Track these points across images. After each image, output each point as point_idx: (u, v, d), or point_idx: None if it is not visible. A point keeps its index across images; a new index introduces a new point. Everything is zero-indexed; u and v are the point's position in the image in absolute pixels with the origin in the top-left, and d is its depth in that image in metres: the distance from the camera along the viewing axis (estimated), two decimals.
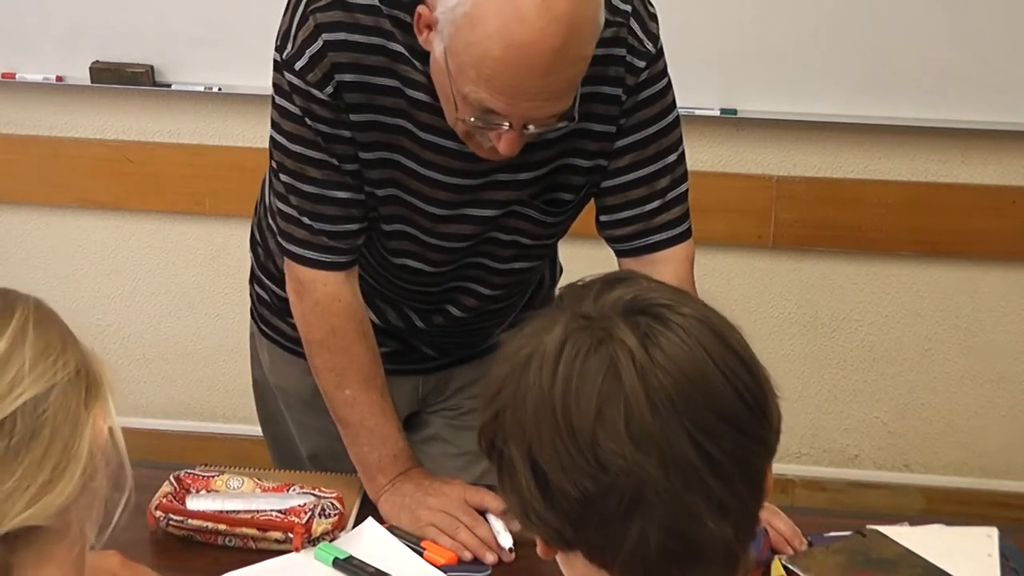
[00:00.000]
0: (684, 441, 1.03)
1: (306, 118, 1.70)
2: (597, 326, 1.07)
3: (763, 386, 1.09)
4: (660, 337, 1.06)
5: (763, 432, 1.08)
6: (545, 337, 1.08)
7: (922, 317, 3.03)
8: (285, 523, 1.75)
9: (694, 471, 1.04)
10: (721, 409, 1.05)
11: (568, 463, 1.04)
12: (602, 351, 1.05)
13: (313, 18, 1.65)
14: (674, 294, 1.12)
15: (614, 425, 1.03)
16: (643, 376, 1.04)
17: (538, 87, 1.53)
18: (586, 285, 1.13)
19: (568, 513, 1.06)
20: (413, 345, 1.99)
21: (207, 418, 3.32)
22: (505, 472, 1.10)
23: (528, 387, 1.07)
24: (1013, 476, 3.12)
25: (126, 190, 3.10)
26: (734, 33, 2.78)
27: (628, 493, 1.03)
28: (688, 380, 1.05)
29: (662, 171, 1.79)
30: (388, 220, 1.79)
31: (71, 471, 1.13)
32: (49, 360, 1.14)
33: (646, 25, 1.72)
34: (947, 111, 2.79)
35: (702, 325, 1.08)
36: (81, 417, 1.15)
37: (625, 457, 1.03)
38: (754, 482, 1.08)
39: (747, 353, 1.09)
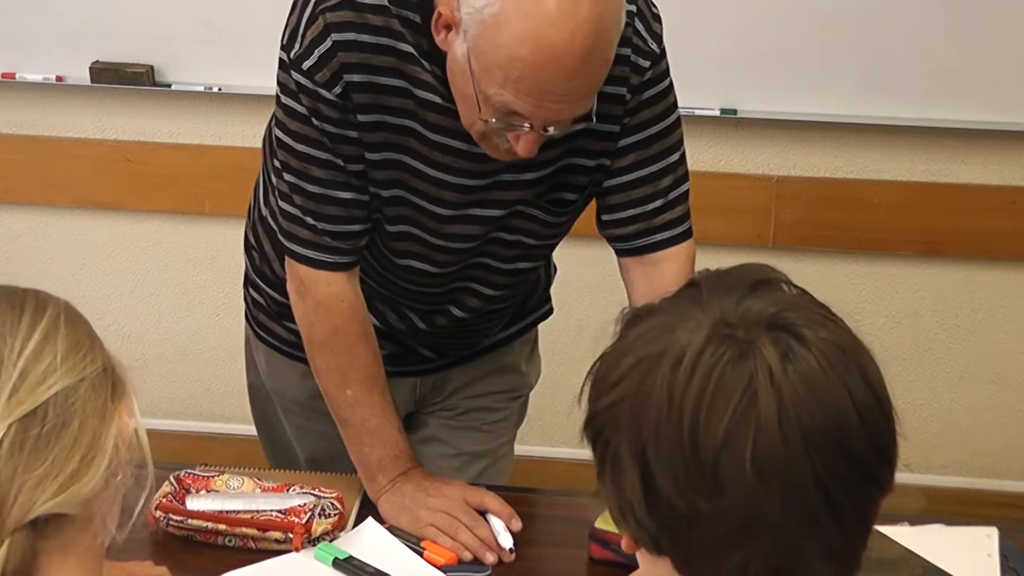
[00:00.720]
0: (808, 478, 0.99)
1: (313, 118, 1.69)
2: (739, 337, 1.02)
3: (892, 427, 1.06)
4: (801, 363, 1.01)
5: (883, 472, 1.05)
6: (683, 336, 1.03)
7: (922, 317, 3.03)
8: (285, 523, 1.75)
9: (812, 511, 1.00)
10: (851, 451, 1.01)
11: (683, 476, 1.00)
12: (742, 367, 1.00)
13: (323, 17, 1.65)
14: (817, 312, 1.07)
15: (741, 450, 0.98)
16: (780, 402, 0.99)
17: (565, 89, 1.54)
18: (727, 282, 1.08)
19: (670, 524, 1.02)
20: (411, 347, 1.99)
21: (207, 418, 3.31)
22: (608, 465, 1.06)
23: (654, 386, 1.02)
24: (1013, 476, 3.12)
25: (126, 190, 3.10)
26: (734, 33, 2.78)
27: (740, 520, 0.99)
28: (824, 415, 1.00)
29: (664, 170, 1.79)
30: (393, 221, 1.79)
31: (98, 462, 1.16)
32: (79, 355, 1.18)
33: (650, 25, 1.72)
34: (947, 111, 2.79)
35: (841, 352, 1.03)
36: (108, 411, 1.18)
37: (745, 484, 0.98)
38: (866, 526, 1.05)
39: (882, 389, 1.06)
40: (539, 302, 2.10)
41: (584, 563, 1.75)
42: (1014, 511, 3.05)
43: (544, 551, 1.79)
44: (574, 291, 2.83)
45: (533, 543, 1.78)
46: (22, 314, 1.18)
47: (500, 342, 2.06)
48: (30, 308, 1.19)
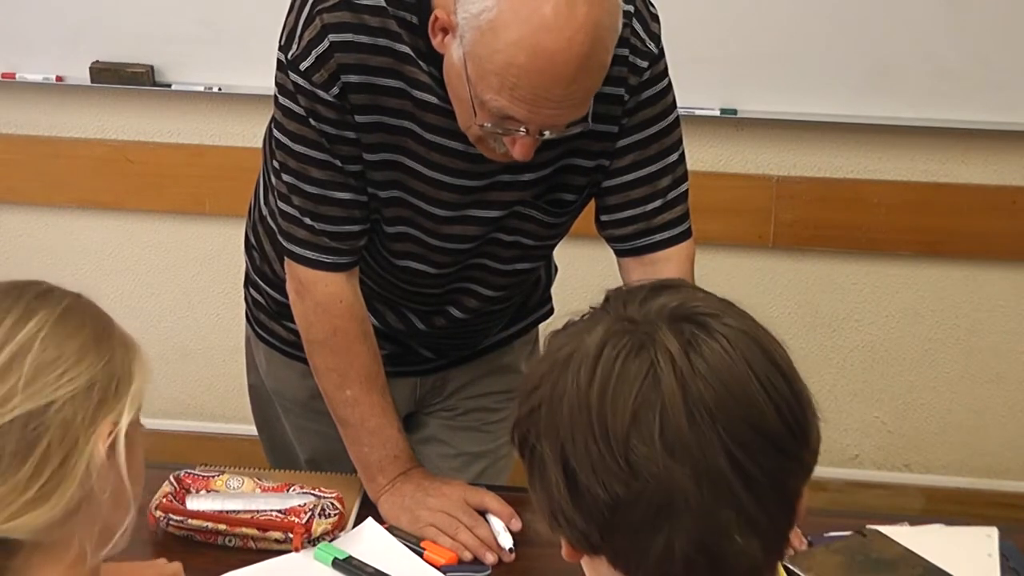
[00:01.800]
0: (719, 453, 1.02)
1: (310, 118, 1.69)
2: (640, 330, 1.06)
3: (804, 405, 1.07)
4: (703, 346, 1.04)
5: (800, 451, 1.06)
6: (586, 337, 1.07)
7: (922, 317, 3.03)
8: (285, 523, 1.75)
9: (727, 484, 1.02)
10: (760, 424, 1.03)
11: (599, 465, 1.03)
12: (643, 355, 1.04)
13: (320, 18, 1.65)
14: (720, 304, 1.10)
15: (649, 430, 1.02)
16: (683, 383, 1.02)
17: (561, 96, 1.53)
18: (633, 289, 1.12)
19: (596, 517, 1.05)
20: (411, 347, 1.99)
21: (207, 418, 3.32)
22: (536, 470, 1.09)
23: (565, 386, 1.06)
24: (1013, 476, 3.12)
25: (126, 190, 3.10)
26: (734, 33, 2.78)
27: (657, 501, 1.02)
28: (728, 391, 1.03)
29: (663, 171, 1.79)
30: (391, 222, 1.79)
31: (62, 490, 1.12)
32: (52, 375, 1.13)
33: (648, 25, 1.72)
34: (947, 111, 2.79)
35: (747, 337, 1.06)
36: (81, 436, 1.13)
37: (657, 464, 1.01)
38: (787, 501, 1.07)
39: (790, 370, 1.08)
40: (539, 302, 2.10)
41: None
42: (1014, 511, 3.05)
43: (544, 551, 1.79)
44: (575, 291, 2.81)
45: (533, 543, 1.78)
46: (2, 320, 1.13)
47: (500, 342, 2.06)
48: (14, 315, 1.14)
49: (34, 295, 1.18)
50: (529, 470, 1.11)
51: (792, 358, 1.10)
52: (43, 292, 1.19)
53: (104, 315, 1.23)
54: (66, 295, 1.20)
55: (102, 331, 1.20)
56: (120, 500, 1.18)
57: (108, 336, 1.20)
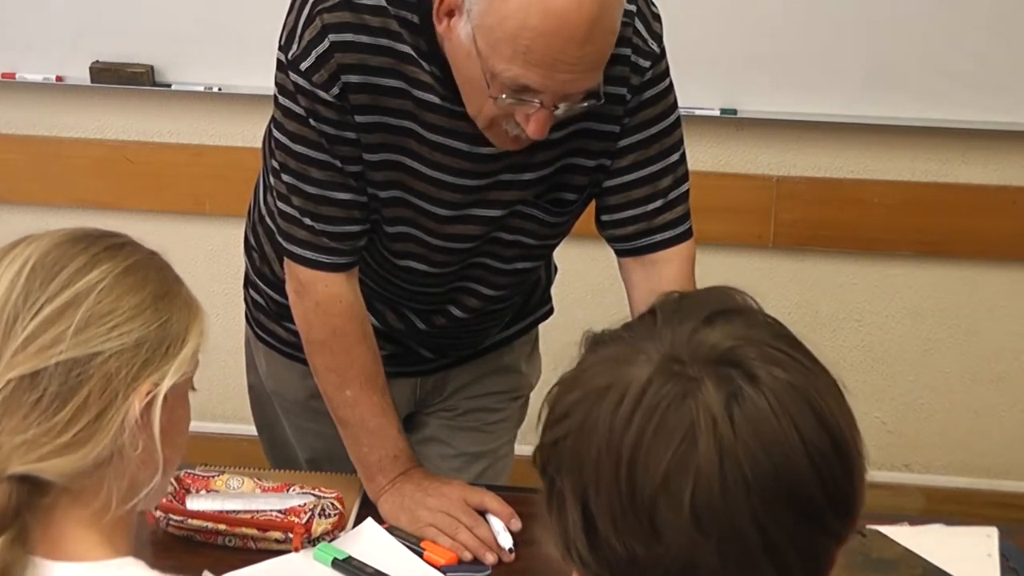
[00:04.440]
0: (749, 527, 0.94)
1: (310, 119, 1.69)
2: (685, 374, 0.97)
3: (852, 474, 0.99)
4: (748, 403, 0.95)
5: (838, 522, 0.99)
6: (628, 370, 0.98)
7: (922, 317, 3.03)
8: (285, 523, 1.75)
9: (753, 561, 0.95)
10: (798, 496, 0.95)
11: (621, 520, 0.96)
12: (684, 408, 0.95)
13: (320, 18, 1.65)
14: (775, 347, 1.00)
15: (679, 497, 0.94)
16: (720, 450, 0.94)
17: (575, 57, 1.53)
18: (686, 309, 1.03)
19: (611, 566, 0.99)
20: (411, 347, 1.99)
21: (207, 418, 3.31)
22: (554, 501, 1.02)
23: (597, 423, 0.98)
24: (1013, 476, 3.12)
25: (126, 190, 3.10)
26: (734, 33, 2.77)
27: (677, 569, 0.96)
28: (768, 459, 0.94)
29: (664, 171, 1.79)
30: (392, 222, 1.79)
31: (96, 441, 1.14)
32: (104, 327, 1.15)
33: (650, 25, 1.72)
34: (947, 111, 2.79)
35: (796, 393, 0.97)
36: (121, 392, 1.15)
37: (682, 532, 0.94)
38: (814, 568, 1.00)
39: (841, 431, 0.99)
40: (540, 302, 2.10)
41: None
42: (1014, 511, 3.05)
43: (544, 551, 1.79)
44: (575, 291, 2.83)
45: (533, 543, 1.78)
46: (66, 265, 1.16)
47: (500, 342, 2.06)
48: (79, 262, 1.16)
49: (105, 246, 1.20)
50: (547, 497, 1.04)
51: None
52: (115, 245, 1.21)
53: (172, 277, 1.25)
54: (138, 251, 1.23)
55: (165, 291, 1.21)
56: (150, 459, 1.19)
57: (170, 297, 1.21)
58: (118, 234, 1.25)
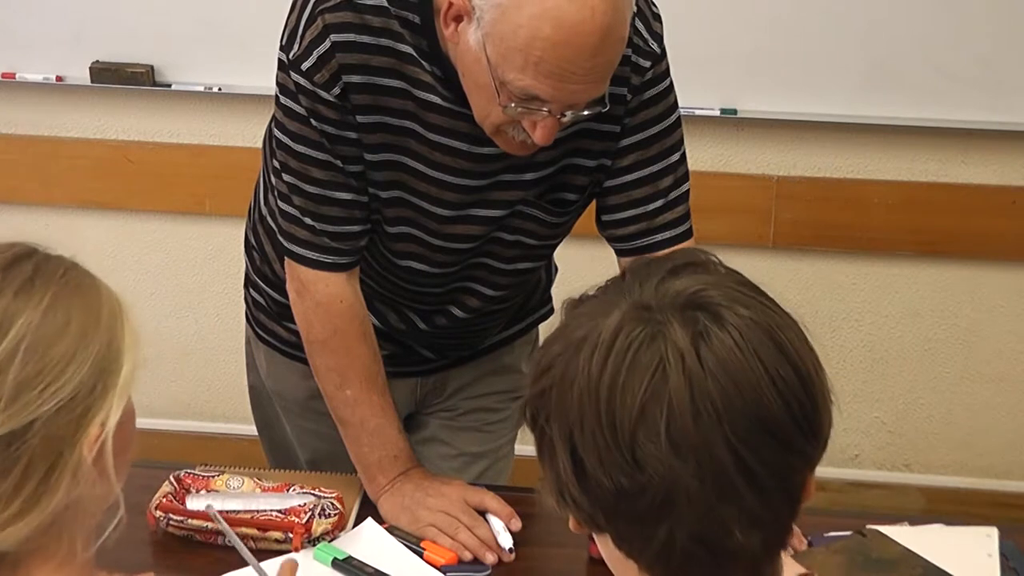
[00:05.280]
0: (723, 451, 1.02)
1: (311, 119, 1.69)
2: (653, 318, 1.05)
3: (816, 398, 1.06)
4: (713, 339, 1.03)
5: (807, 446, 1.07)
6: (601, 321, 1.06)
7: (922, 317, 3.03)
8: (285, 523, 1.75)
9: (729, 482, 1.02)
10: (767, 421, 1.03)
11: (606, 456, 1.04)
12: (654, 347, 1.03)
13: (322, 18, 1.65)
14: (738, 289, 1.08)
15: (655, 426, 1.02)
16: (690, 380, 1.02)
17: (587, 68, 1.53)
18: (653, 266, 1.11)
19: (601, 502, 1.06)
20: (412, 347, 1.99)
21: (207, 418, 3.32)
22: (545, 449, 1.10)
23: (577, 371, 1.06)
24: (1013, 476, 3.12)
25: (126, 190, 3.10)
26: (734, 33, 2.78)
27: (660, 495, 1.03)
28: (736, 389, 1.02)
29: (665, 170, 1.79)
30: (393, 222, 1.79)
31: (46, 501, 1.08)
32: (35, 392, 1.07)
33: (651, 25, 1.72)
34: (947, 111, 2.79)
35: (759, 328, 1.05)
36: (66, 448, 1.09)
37: (661, 460, 1.02)
38: (791, 494, 1.07)
39: (803, 362, 1.06)
40: (540, 302, 2.10)
41: (584, 563, 1.75)
42: (1014, 511, 3.05)
43: (544, 551, 1.79)
44: (575, 291, 2.80)
45: (533, 543, 1.78)
46: None
47: (501, 342, 2.06)
48: None
49: (15, 288, 1.10)
50: (538, 447, 1.12)
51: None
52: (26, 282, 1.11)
53: (91, 289, 1.16)
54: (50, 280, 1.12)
55: (86, 315, 1.13)
56: (109, 494, 1.14)
57: (95, 319, 1.13)
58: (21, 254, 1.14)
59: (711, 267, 1.11)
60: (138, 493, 1.80)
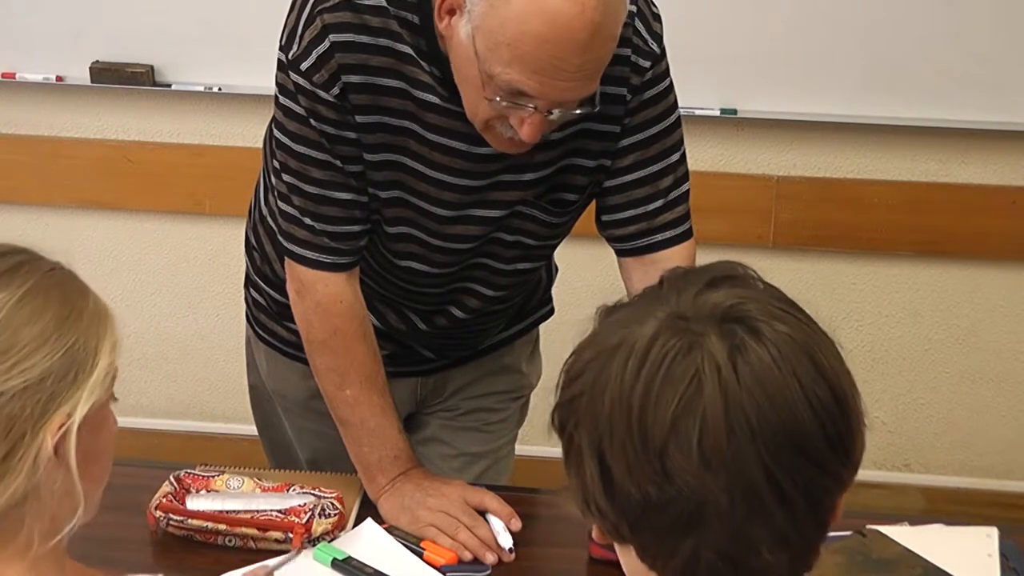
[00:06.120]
0: (756, 468, 1.00)
1: (311, 119, 1.69)
2: (690, 329, 1.03)
3: (850, 419, 1.05)
4: (751, 353, 1.02)
5: (840, 467, 1.05)
6: (636, 329, 1.05)
7: (922, 317, 3.03)
8: (285, 523, 1.75)
9: (760, 500, 1.01)
10: (801, 440, 1.02)
11: (635, 466, 1.02)
12: (690, 359, 1.02)
13: (321, 18, 1.65)
14: (777, 304, 1.07)
15: (687, 439, 1.00)
16: (725, 394, 1.00)
17: (575, 65, 1.52)
18: (691, 276, 1.09)
19: (627, 513, 1.05)
20: (412, 347, 1.99)
21: (207, 418, 3.31)
22: (572, 457, 1.09)
23: (609, 379, 1.04)
24: (1013, 476, 3.12)
25: (126, 190, 3.10)
26: (734, 33, 2.78)
27: (689, 509, 1.01)
28: (771, 406, 1.01)
29: (665, 171, 1.79)
30: (392, 222, 1.79)
31: (5, 484, 1.08)
32: (2, 366, 1.08)
33: (650, 25, 1.72)
34: (947, 111, 2.79)
35: (797, 346, 1.04)
36: (29, 430, 1.09)
37: (692, 473, 1.00)
38: (820, 516, 1.06)
39: (840, 382, 1.05)
40: (540, 302, 2.10)
41: (584, 563, 1.75)
42: (1014, 511, 3.05)
43: (544, 551, 1.79)
44: (575, 291, 2.82)
45: (533, 543, 1.78)
46: None
47: (501, 342, 2.06)
48: None
49: (0, 271, 1.12)
50: (565, 455, 1.10)
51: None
52: (12, 267, 1.13)
53: (76, 290, 1.18)
54: (36, 271, 1.15)
55: (68, 312, 1.14)
56: (70, 493, 1.13)
57: (75, 317, 1.14)
58: (15, 250, 1.17)
59: (750, 281, 1.10)
60: (138, 493, 1.80)
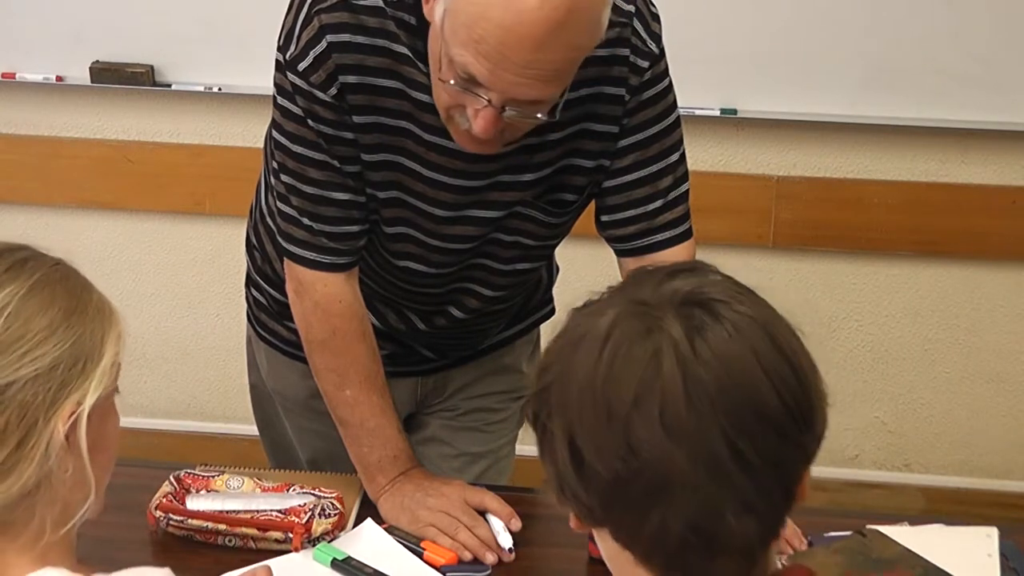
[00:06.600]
0: (716, 437, 1.04)
1: (308, 119, 1.69)
2: (650, 314, 1.08)
3: (809, 391, 1.09)
4: (708, 331, 1.07)
5: (802, 437, 1.09)
6: (599, 319, 1.10)
7: (922, 317, 3.03)
8: (285, 523, 1.75)
9: (722, 467, 1.05)
10: (761, 410, 1.06)
11: (602, 444, 1.07)
12: (649, 339, 1.07)
13: (318, 19, 1.65)
14: (735, 289, 1.12)
15: (649, 413, 1.05)
16: (684, 368, 1.05)
17: (525, 60, 1.50)
18: (653, 271, 1.15)
19: (599, 492, 1.09)
20: (412, 347, 1.99)
21: (207, 418, 3.32)
22: (546, 445, 1.13)
23: (575, 366, 1.09)
24: (1013, 476, 3.12)
25: (126, 190, 3.10)
26: (734, 33, 2.78)
27: (655, 481, 1.05)
28: (730, 377, 1.05)
29: (664, 171, 1.79)
30: (391, 222, 1.79)
31: (19, 472, 1.11)
32: (15, 354, 1.11)
33: (649, 25, 1.72)
34: (947, 111, 2.79)
35: (755, 324, 1.08)
36: (41, 417, 1.11)
37: (655, 445, 1.05)
38: (785, 484, 1.09)
39: (797, 357, 1.09)
40: (541, 302, 2.10)
41: (584, 563, 1.75)
42: (1014, 511, 3.05)
43: (544, 551, 1.79)
44: (576, 291, 2.80)
45: (533, 543, 1.78)
46: None
47: (501, 342, 2.06)
48: None
49: (6, 266, 1.15)
50: (540, 445, 1.15)
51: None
52: (17, 262, 1.16)
53: (81, 285, 1.20)
54: (41, 265, 1.17)
55: (75, 305, 1.17)
56: (81, 480, 1.16)
57: (81, 309, 1.17)
58: (17, 247, 1.20)
59: (709, 272, 1.15)
60: (138, 493, 1.80)
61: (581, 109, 1.70)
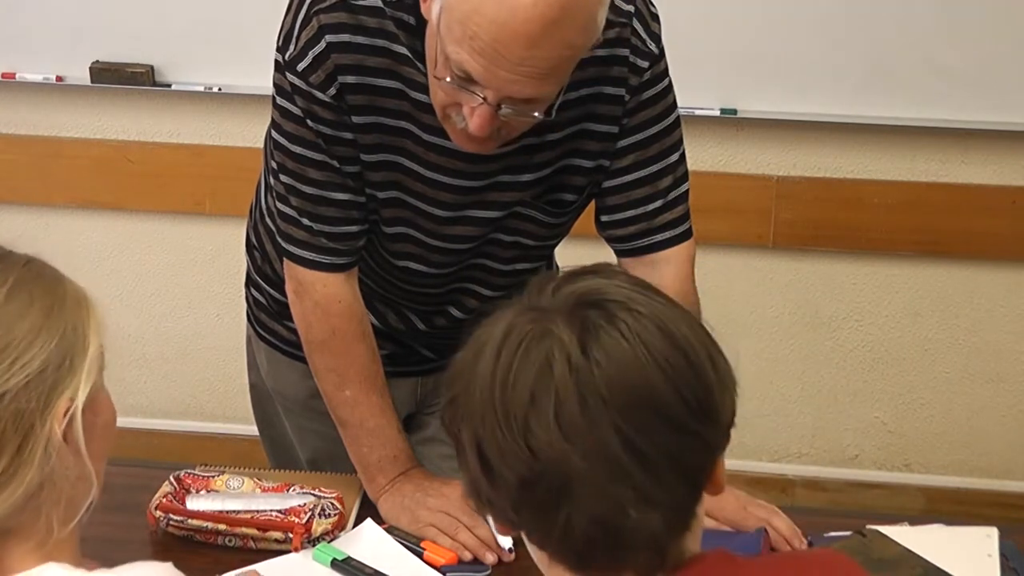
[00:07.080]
0: (610, 433, 1.06)
1: (308, 119, 1.69)
2: (542, 318, 1.11)
3: (709, 385, 1.11)
4: (601, 333, 1.09)
5: (704, 429, 1.10)
6: (495, 327, 1.14)
7: (922, 317, 3.03)
8: (285, 523, 1.75)
9: (619, 464, 1.07)
10: (655, 404, 1.08)
11: (505, 448, 1.09)
12: (542, 343, 1.09)
13: (317, 19, 1.65)
14: (634, 289, 1.13)
15: (545, 414, 1.07)
16: (576, 371, 1.07)
17: (519, 57, 1.50)
18: (556, 276, 1.16)
19: (508, 496, 1.11)
20: (412, 347, 1.99)
21: (207, 418, 3.32)
22: (460, 454, 1.16)
23: (476, 375, 1.12)
24: (1013, 476, 3.12)
25: (126, 190, 3.10)
26: (734, 33, 2.78)
27: (556, 481, 1.08)
28: (622, 375, 1.07)
29: (664, 171, 1.79)
30: (390, 222, 1.79)
31: (20, 477, 1.11)
32: (3, 364, 1.10)
33: (648, 25, 1.72)
34: (947, 111, 2.79)
35: (650, 323, 1.10)
36: (37, 421, 1.11)
37: (553, 446, 1.07)
38: (690, 477, 1.11)
39: (694, 350, 1.11)
40: None
41: None
42: (1014, 511, 3.05)
43: None
44: None
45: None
46: None
47: None
48: None
49: None
50: (457, 454, 1.17)
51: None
52: None
53: (53, 279, 1.20)
54: (13, 267, 1.17)
55: (52, 301, 1.16)
56: (83, 475, 1.16)
57: (59, 305, 1.16)
58: None
59: (612, 274, 1.17)
60: (138, 493, 1.80)
61: (581, 109, 1.70)
